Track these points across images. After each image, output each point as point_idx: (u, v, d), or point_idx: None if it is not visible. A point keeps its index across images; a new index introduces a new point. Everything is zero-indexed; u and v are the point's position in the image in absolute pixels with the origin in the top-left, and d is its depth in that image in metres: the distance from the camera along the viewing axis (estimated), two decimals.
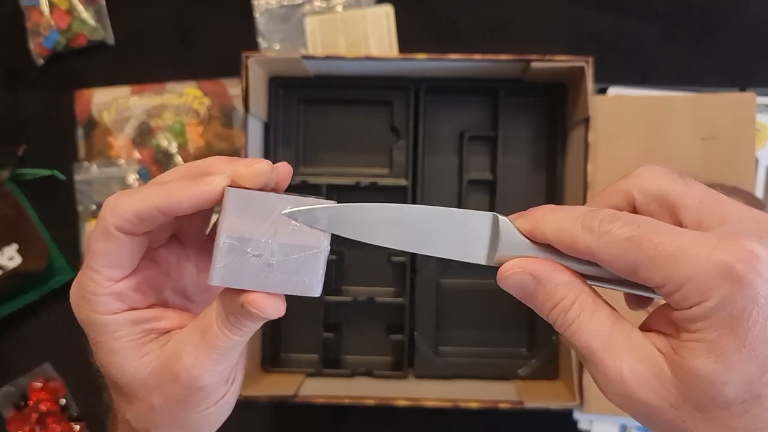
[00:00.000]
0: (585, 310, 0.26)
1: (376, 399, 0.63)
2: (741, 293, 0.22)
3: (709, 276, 0.22)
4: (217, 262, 0.28)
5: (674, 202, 0.25)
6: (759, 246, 0.22)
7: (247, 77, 0.62)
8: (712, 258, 0.22)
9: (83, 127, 0.74)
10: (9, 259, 0.69)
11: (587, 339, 0.25)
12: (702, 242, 0.23)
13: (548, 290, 0.26)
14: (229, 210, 0.28)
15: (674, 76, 0.71)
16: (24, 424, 0.72)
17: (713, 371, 0.23)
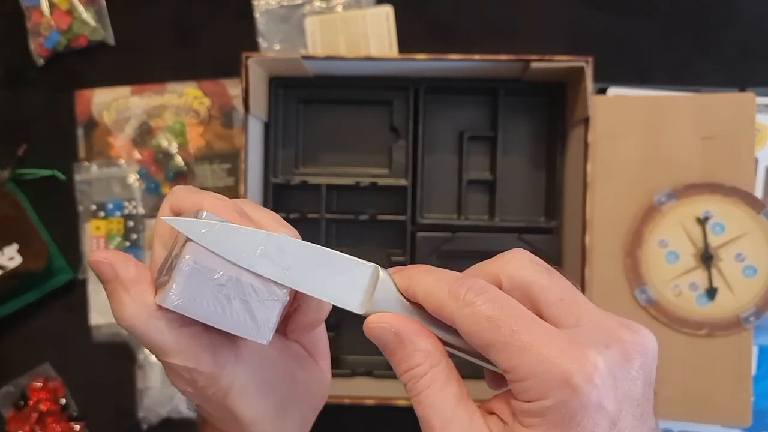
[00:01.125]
0: (435, 383, 0.26)
1: (376, 399, 0.63)
2: (575, 401, 0.23)
3: (551, 378, 0.23)
4: (176, 283, 0.27)
5: (536, 295, 0.26)
6: (600, 357, 0.23)
7: (247, 77, 0.62)
8: (556, 362, 0.23)
9: (83, 127, 0.74)
10: (9, 259, 0.69)
11: (429, 413, 0.26)
12: (553, 343, 0.24)
13: (407, 353, 0.26)
14: None
15: (674, 76, 0.71)
16: (24, 423, 0.72)
17: None
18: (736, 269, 0.67)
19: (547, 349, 0.24)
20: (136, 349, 0.73)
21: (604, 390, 0.23)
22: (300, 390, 0.35)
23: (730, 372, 0.67)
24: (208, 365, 0.30)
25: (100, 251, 0.30)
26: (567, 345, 0.24)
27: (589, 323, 0.25)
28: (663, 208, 0.68)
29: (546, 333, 0.24)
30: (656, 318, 0.68)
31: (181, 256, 0.28)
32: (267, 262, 0.28)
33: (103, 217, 0.73)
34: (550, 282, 0.26)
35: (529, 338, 0.24)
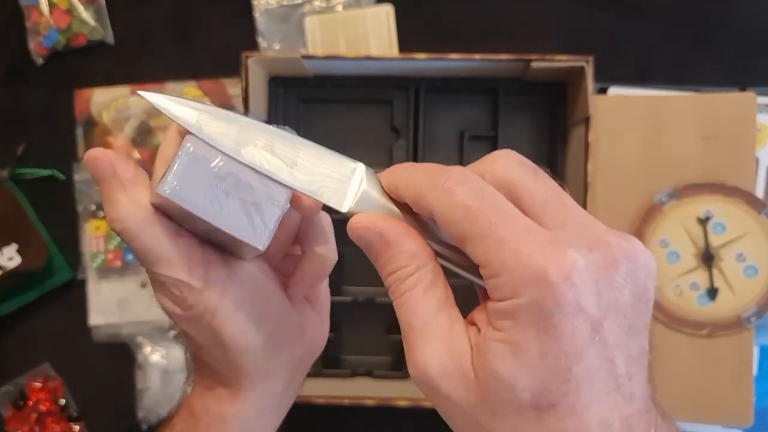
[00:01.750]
0: (420, 285, 0.25)
1: (376, 399, 0.63)
2: (550, 299, 0.21)
3: (526, 274, 0.22)
4: (173, 171, 0.26)
5: (521, 195, 0.24)
6: (582, 257, 0.22)
7: (247, 77, 0.62)
8: (533, 258, 0.22)
9: (83, 126, 0.74)
10: (8, 259, 0.69)
11: (410, 316, 0.25)
12: (533, 238, 0.22)
13: (392, 254, 0.25)
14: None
15: (674, 76, 0.71)
16: (23, 423, 0.72)
17: (512, 375, 0.22)
18: (737, 269, 0.67)
19: (525, 245, 0.22)
20: (136, 349, 0.73)
21: (583, 291, 0.21)
22: (294, 329, 0.34)
23: (731, 372, 0.67)
24: (199, 280, 0.29)
25: (98, 149, 0.29)
26: (546, 243, 0.22)
27: (573, 225, 0.24)
28: (664, 208, 0.68)
29: (526, 228, 0.23)
30: (657, 318, 0.67)
31: (182, 145, 0.27)
32: (269, 155, 0.27)
33: (102, 217, 0.73)
34: (536, 183, 0.25)
35: (508, 232, 0.22)
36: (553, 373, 0.22)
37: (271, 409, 0.35)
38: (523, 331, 0.22)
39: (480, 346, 0.23)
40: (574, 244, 0.22)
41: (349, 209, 0.27)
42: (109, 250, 0.72)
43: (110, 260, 0.72)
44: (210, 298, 0.30)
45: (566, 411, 0.22)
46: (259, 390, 0.34)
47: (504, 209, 0.23)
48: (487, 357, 0.23)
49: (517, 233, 0.22)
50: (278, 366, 0.34)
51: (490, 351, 0.23)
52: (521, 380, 0.22)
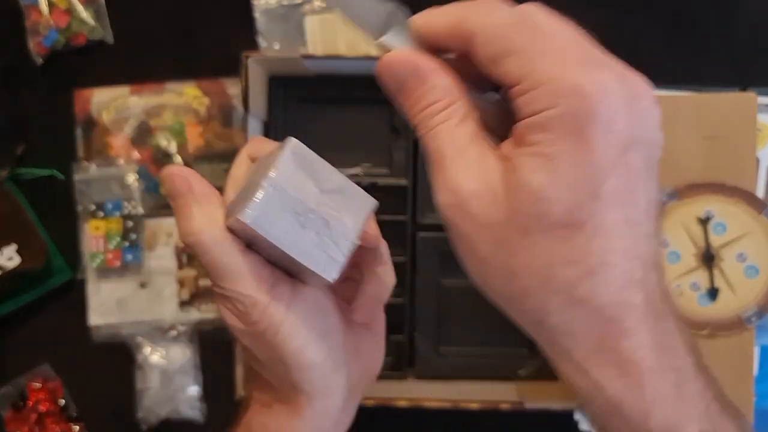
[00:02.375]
0: (453, 118, 0.25)
1: (376, 399, 0.62)
2: (586, 109, 0.21)
3: (565, 84, 0.22)
4: (256, 199, 0.27)
5: None
6: (616, 79, 0.22)
7: (246, 77, 0.62)
8: (573, 70, 0.22)
9: (82, 126, 0.74)
10: (8, 259, 0.69)
11: (442, 144, 0.25)
12: (572, 55, 0.23)
13: (425, 89, 0.25)
14: (286, 161, 0.28)
15: (675, 76, 0.71)
16: (23, 424, 0.72)
17: (543, 186, 0.22)
18: (738, 269, 0.67)
19: (565, 58, 0.22)
20: (136, 350, 0.73)
21: (616, 109, 0.22)
22: (351, 351, 0.34)
23: (731, 372, 0.67)
24: (265, 295, 0.30)
25: (175, 166, 0.30)
26: (585, 60, 0.23)
27: (601, 55, 0.24)
28: (664, 208, 0.68)
29: (564, 45, 0.23)
30: None
31: (265, 175, 0.28)
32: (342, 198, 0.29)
33: (102, 217, 0.73)
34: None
35: (548, 46, 0.23)
36: (585, 187, 0.22)
37: (327, 429, 0.35)
38: (557, 142, 0.22)
39: (511, 162, 0.23)
40: (608, 66, 0.23)
41: (382, 40, 0.27)
42: (109, 250, 0.72)
43: (110, 260, 0.72)
44: (275, 314, 0.30)
45: (593, 232, 0.22)
46: (316, 409, 0.34)
47: (543, 26, 0.24)
48: (519, 171, 0.22)
49: (556, 49, 0.23)
50: (335, 386, 0.34)
51: (523, 164, 0.22)
52: (554, 192, 0.22)
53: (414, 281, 0.68)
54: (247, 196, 0.28)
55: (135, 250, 0.73)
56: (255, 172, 0.30)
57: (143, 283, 0.73)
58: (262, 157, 0.31)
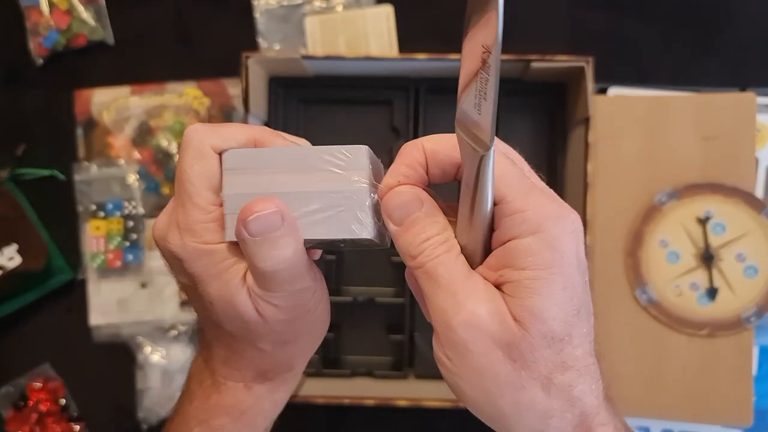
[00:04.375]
0: (453, 250, 0.28)
1: (376, 399, 0.63)
2: (570, 240, 0.26)
3: (552, 214, 0.26)
4: (369, 217, 0.30)
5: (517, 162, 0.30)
6: (575, 215, 0.27)
7: (247, 77, 0.62)
8: (551, 205, 0.26)
9: (83, 127, 0.74)
10: (9, 259, 0.69)
11: (449, 271, 0.27)
12: (546, 197, 0.27)
13: (428, 222, 0.28)
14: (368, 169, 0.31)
15: (674, 76, 0.71)
16: (23, 424, 0.72)
17: (545, 308, 0.25)
18: (737, 269, 0.67)
19: (544, 199, 0.27)
20: (136, 350, 0.73)
21: (580, 235, 0.27)
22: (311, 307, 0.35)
23: (731, 372, 0.67)
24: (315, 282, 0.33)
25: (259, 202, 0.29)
26: (555, 200, 0.27)
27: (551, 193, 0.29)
28: (664, 208, 0.68)
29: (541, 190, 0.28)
30: (657, 318, 0.67)
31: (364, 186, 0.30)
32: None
33: (102, 217, 0.73)
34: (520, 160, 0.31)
35: (535, 190, 0.27)
36: (570, 304, 0.26)
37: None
38: (546, 266, 0.26)
39: (510, 287, 0.26)
40: (566, 205, 0.27)
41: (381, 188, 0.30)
42: (109, 251, 0.72)
43: (110, 260, 0.72)
44: (319, 293, 0.33)
45: (577, 340, 0.26)
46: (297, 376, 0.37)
47: (528, 175, 0.29)
48: (521, 295, 0.26)
49: (538, 190, 0.27)
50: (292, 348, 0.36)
51: (523, 289, 0.26)
52: (553, 312, 0.26)
53: None
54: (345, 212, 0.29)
55: (135, 250, 0.73)
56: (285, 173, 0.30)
57: (144, 283, 0.74)
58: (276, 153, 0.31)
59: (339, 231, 0.29)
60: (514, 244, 0.26)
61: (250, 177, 0.30)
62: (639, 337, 0.67)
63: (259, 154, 0.30)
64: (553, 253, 0.26)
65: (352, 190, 0.30)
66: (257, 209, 0.29)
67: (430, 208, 0.28)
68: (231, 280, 0.31)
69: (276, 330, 0.32)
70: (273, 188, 0.30)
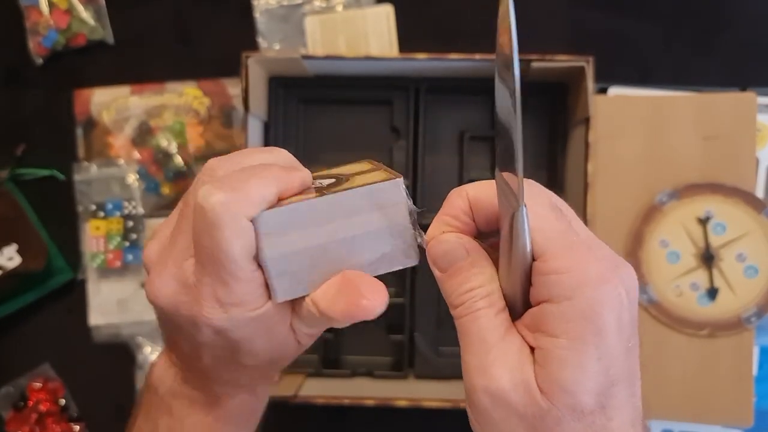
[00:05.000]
0: (494, 306, 0.27)
1: (376, 399, 0.62)
2: (604, 302, 0.24)
3: (586, 278, 0.24)
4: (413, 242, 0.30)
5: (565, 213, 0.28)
6: (623, 277, 0.25)
7: (246, 77, 0.62)
8: (593, 266, 0.24)
9: (82, 126, 0.74)
10: (8, 260, 0.69)
11: (484, 329, 0.26)
12: (593, 254, 0.25)
13: (473, 272, 0.27)
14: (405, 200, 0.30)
15: (675, 76, 0.71)
16: (23, 424, 0.72)
17: (575, 381, 0.24)
18: (738, 269, 0.67)
19: (589, 255, 0.25)
20: (136, 350, 0.73)
21: (623, 301, 0.25)
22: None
23: (731, 372, 0.67)
24: None
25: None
26: (601, 258, 0.25)
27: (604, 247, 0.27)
28: (664, 208, 0.68)
29: (588, 241, 0.26)
30: (657, 318, 0.67)
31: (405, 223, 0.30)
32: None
33: (102, 217, 0.73)
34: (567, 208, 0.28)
35: (579, 243, 0.25)
36: (606, 377, 0.24)
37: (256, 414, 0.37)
38: (581, 337, 0.24)
39: (540, 354, 0.25)
40: (611, 262, 0.25)
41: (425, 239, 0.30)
42: (109, 251, 0.72)
43: (110, 260, 0.72)
44: None
45: (613, 413, 0.25)
46: (260, 396, 0.36)
47: (577, 228, 0.26)
48: (550, 366, 0.25)
49: (584, 246, 0.25)
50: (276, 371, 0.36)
51: (552, 359, 0.24)
52: (583, 385, 0.24)
53: (414, 281, 0.69)
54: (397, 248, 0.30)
55: (135, 250, 0.73)
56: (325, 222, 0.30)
57: (143, 284, 0.73)
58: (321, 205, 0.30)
59: (391, 265, 0.30)
60: (548, 307, 0.25)
61: (291, 235, 0.29)
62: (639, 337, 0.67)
63: (293, 212, 0.29)
64: (587, 323, 0.24)
65: (395, 225, 0.30)
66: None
67: (477, 257, 0.27)
68: (281, 330, 0.31)
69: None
70: (317, 241, 0.30)
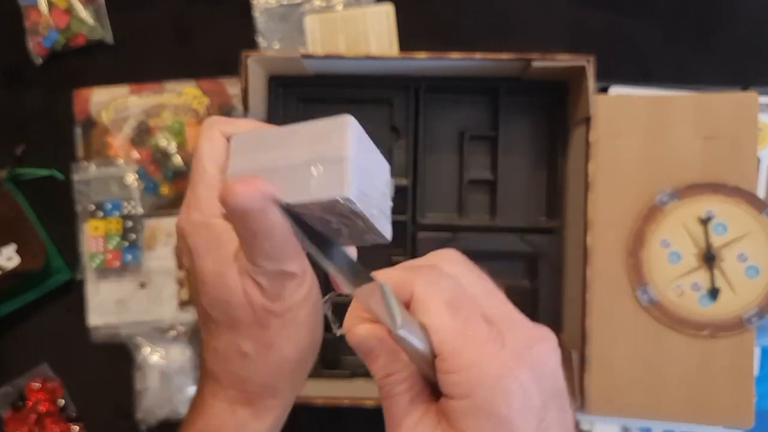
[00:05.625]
0: (410, 392, 0.27)
1: (375, 400, 0.62)
2: (503, 401, 0.24)
3: (486, 375, 0.24)
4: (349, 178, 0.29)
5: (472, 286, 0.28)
6: (526, 359, 0.25)
7: (246, 76, 0.61)
8: (488, 363, 0.24)
9: (82, 126, 0.74)
10: (7, 259, 0.69)
11: (399, 416, 0.27)
12: (490, 347, 0.25)
13: (390, 359, 0.28)
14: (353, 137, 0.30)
15: (676, 75, 0.71)
16: (22, 424, 0.72)
17: None
18: (739, 270, 0.67)
19: (483, 350, 0.25)
20: (135, 350, 0.73)
21: (529, 389, 0.24)
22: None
23: (732, 373, 0.66)
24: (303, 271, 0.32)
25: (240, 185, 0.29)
26: (498, 349, 0.25)
27: (511, 321, 0.27)
28: (665, 208, 0.68)
29: (485, 336, 0.25)
30: (658, 319, 0.67)
31: (338, 152, 0.29)
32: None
33: (101, 217, 0.73)
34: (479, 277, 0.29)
35: (472, 338, 0.25)
36: None
37: (280, 425, 0.37)
38: (484, 430, 0.24)
39: None
40: (518, 345, 0.25)
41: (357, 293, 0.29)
42: (108, 251, 0.72)
43: (109, 260, 0.72)
44: (305, 289, 0.32)
45: None
46: (292, 397, 0.36)
47: (474, 317, 0.26)
48: None
49: (481, 341, 0.25)
50: (302, 380, 0.35)
51: None
52: None
53: None
54: (324, 175, 0.29)
55: (134, 250, 0.73)
56: (278, 149, 0.31)
57: (142, 284, 0.73)
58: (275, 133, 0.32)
59: (319, 193, 0.29)
60: (450, 403, 0.25)
61: (250, 157, 0.31)
62: (640, 337, 0.67)
63: (259, 136, 0.32)
64: (489, 417, 0.24)
65: (332, 155, 0.29)
66: (236, 189, 0.29)
67: (392, 347, 0.28)
68: (225, 254, 0.31)
69: (259, 322, 0.32)
70: (266, 164, 0.31)
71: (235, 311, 0.32)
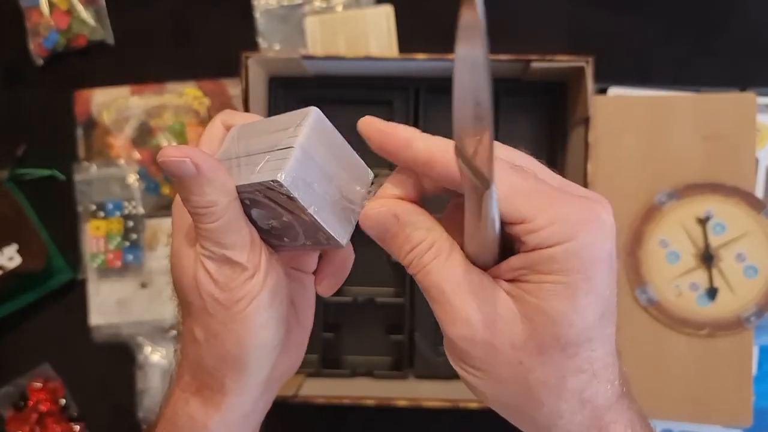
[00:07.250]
0: (442, 254, 0.26)
1: (376, 399, 0.63)
2: (602, 243, 0.25)
3: (579, 220, 0.24)
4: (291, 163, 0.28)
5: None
6: (604, 214, 0.25)
7: (246, 77, 0.62)
8: (583, 213, 0.25)
9: (83, 127, 0.74)
10: (9, 260, 0.69)
11: (439, 281, 0.26)
12: (575, 200, 0.25)
13: (408, 232, 0.27)
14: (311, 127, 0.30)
15: (675, 76, 0.71)
16: (23, 424, 0.72)
17: (564, 313, 0.25)
18: (737, 269, 0.67)
19: (575, 202, 0.25)
20: (136, 350, 0.73)
21: (611, 239, 0.25)
22: (289, 340, 0.35)
23: (731, 372, 0.67)
24: (254, 264, 0.31)
25: (172, 148, 0.29)
26: (585, 203, 0.25)
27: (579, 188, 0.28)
28: (664, 208, 0.68)
29: (568, 193, 0.26)
30: (657, 318, 0.67)
31: (291, 140, 0.29)
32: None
33: (102, 217, 0.73)
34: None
35: (555, 183, 0.26)
36: (594, 310, 0.25)
37: (251, 415, 0.35)
38: (575, 273, 0.24)
39: (527, 290, 0.25)
40: (592, 199, 0.26)
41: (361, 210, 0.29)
42: (109, 251, 0.72)
43: (110, 260, 0.72)
44: (254, 284, 0.31)
45: (596, 343, 0.25)
46: (245, 395, 0.34)
47: (544, 177, 0.27)
48: (539, 298, 0.25)
49: (558, 193, 0.26)
50: (268, 373, 0.34)
51: (542, 292, 0.25)
52: (570, 317, 0.25)
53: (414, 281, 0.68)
54: (271, 160, 0.29)
55: (135, 250, 0.73)
56: (253, 137, 0.31)
57: (144, 283, 0.74)
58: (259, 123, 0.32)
59: (259, 176, 0.29)
60: (538, 253, 0.25)
61: (234, 144, 0.32)
62: (639, 337, 0.67)
63: (250, 126, 0.32)
64: (582, 261, 0.24)
65: (285, 143, 0.29)
66: (167, 153, 0.29)
67: (408, 216, 0.27)
68: (188, 234, 0.31)
69: (206, 309, 0.31)
70: (240, 151, 0.31)
71: (187, 294, 0.31)
